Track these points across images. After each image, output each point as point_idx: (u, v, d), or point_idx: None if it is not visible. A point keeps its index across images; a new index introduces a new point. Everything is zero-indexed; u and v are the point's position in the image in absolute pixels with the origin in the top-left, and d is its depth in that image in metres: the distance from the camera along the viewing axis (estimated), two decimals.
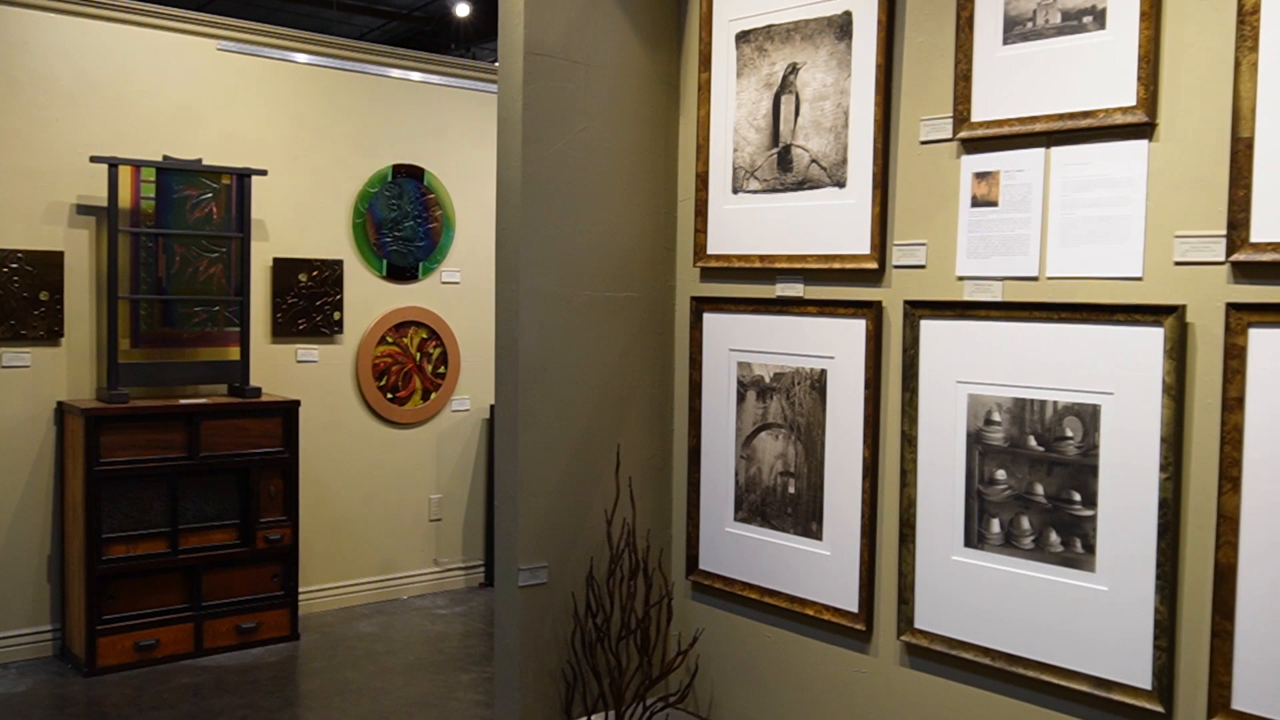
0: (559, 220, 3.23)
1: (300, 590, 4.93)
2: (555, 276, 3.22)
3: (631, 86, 3.38)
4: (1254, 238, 2.23)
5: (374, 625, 5.06)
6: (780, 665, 3.20)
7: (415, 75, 5.52)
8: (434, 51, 6.24)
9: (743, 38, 3.22)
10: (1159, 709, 2.39)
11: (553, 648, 3.29)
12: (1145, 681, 2.41)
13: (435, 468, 5.66)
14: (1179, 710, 2.39)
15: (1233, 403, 2.26)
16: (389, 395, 5.45)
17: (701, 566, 3.41)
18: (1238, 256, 2.25)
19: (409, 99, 5.48)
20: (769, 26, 3.15)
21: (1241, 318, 2.25)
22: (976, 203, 2.69)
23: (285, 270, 5.07)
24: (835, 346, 2.99)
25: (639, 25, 3.39)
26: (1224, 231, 2.28)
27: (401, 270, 5.46)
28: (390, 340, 5.45)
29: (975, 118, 2.68)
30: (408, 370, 5.51)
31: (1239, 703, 2.28)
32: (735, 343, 3.27)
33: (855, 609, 2.97)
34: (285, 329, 5.09)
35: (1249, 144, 2.24)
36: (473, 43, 7.79)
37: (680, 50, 3.48)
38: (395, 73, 5.45)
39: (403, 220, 5.45)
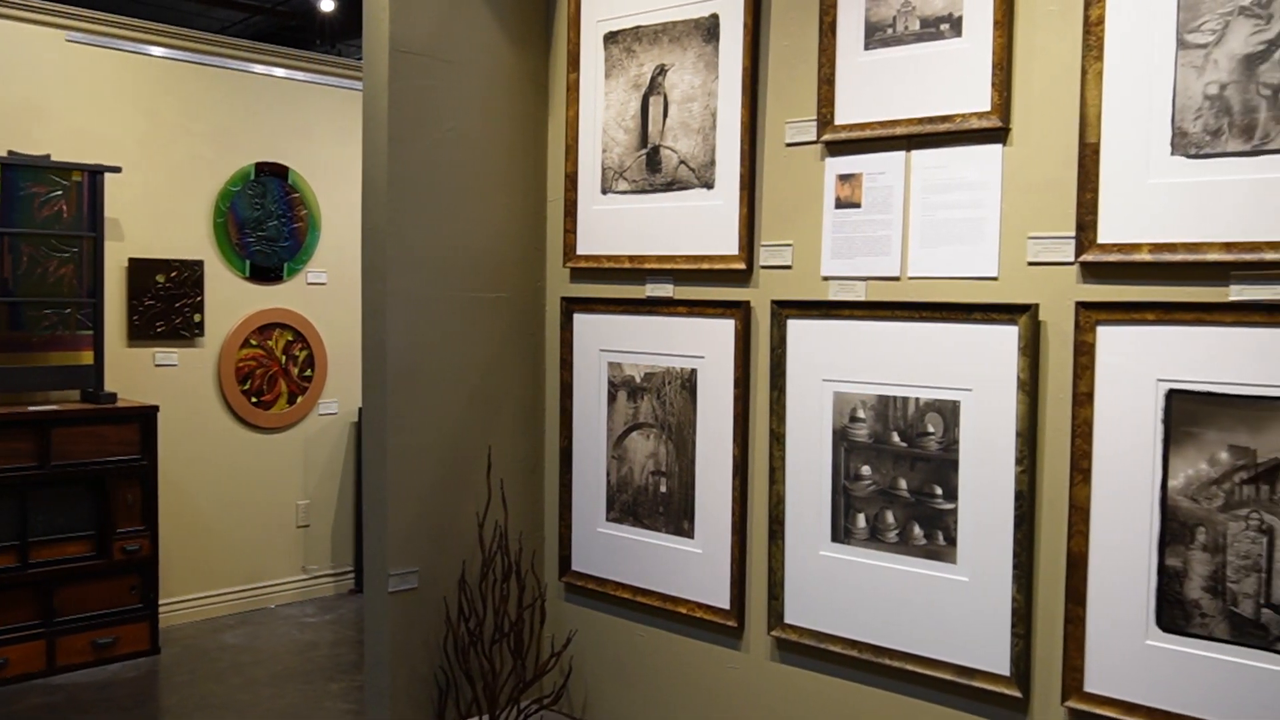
0: (427, 220, 3.18)
1: (161, 602, 4.76)
2: (423, 277, 3.18)
3: (500, 86, 3.36)
4: (1101, 239, 2.33)
5: (239, 636, 4.92)
6: (653, 664, 3.22)
7: (279, 71, 5.38)
8: (298, 47, 6.09)
9: (611, 39, 3.23)
10: (1017, 694, 2.47)
11: (424, 653, 3.25)
12: (1004, 668, 2.49)
13: (302, 473, 5.53)
14: (1035, 694, 2.47)
15: (1082, 397, 2.36)
16: (253, 399, 5.31)
17: (574, 567, 3.40)
18: (1086, 257, 2.35)
19: (272, 96, 5.35)
20: (637, 28, 3.16)
21: (1090, 316, 2.34)
22: (840, 204, 2.75)
23: (142, 271, 4.89)
24: (705, 346, 3.01)
25: (507, 25, 3.36)
26: (1073, 233, 2.37)
27: (265, 271, 5.33)
28: (254, 343, 5.30)
29: (839, 121, 2.74)
30: (273, 373, 5.38)
31: (1091, 685, 2.37)
32: (606, 343, 3.27)
33: (727, 606, 3.00)
34: (142, 332, 4.91)
35: (1095, 149, 2.33)
36: (339, 39, 7.63)
37: (549, 50, 3.46)
38: (258, 68, 5.31)
39: (266, 220, 5.31)
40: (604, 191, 3.25)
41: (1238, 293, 2.17)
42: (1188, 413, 2.24)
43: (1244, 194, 2.16)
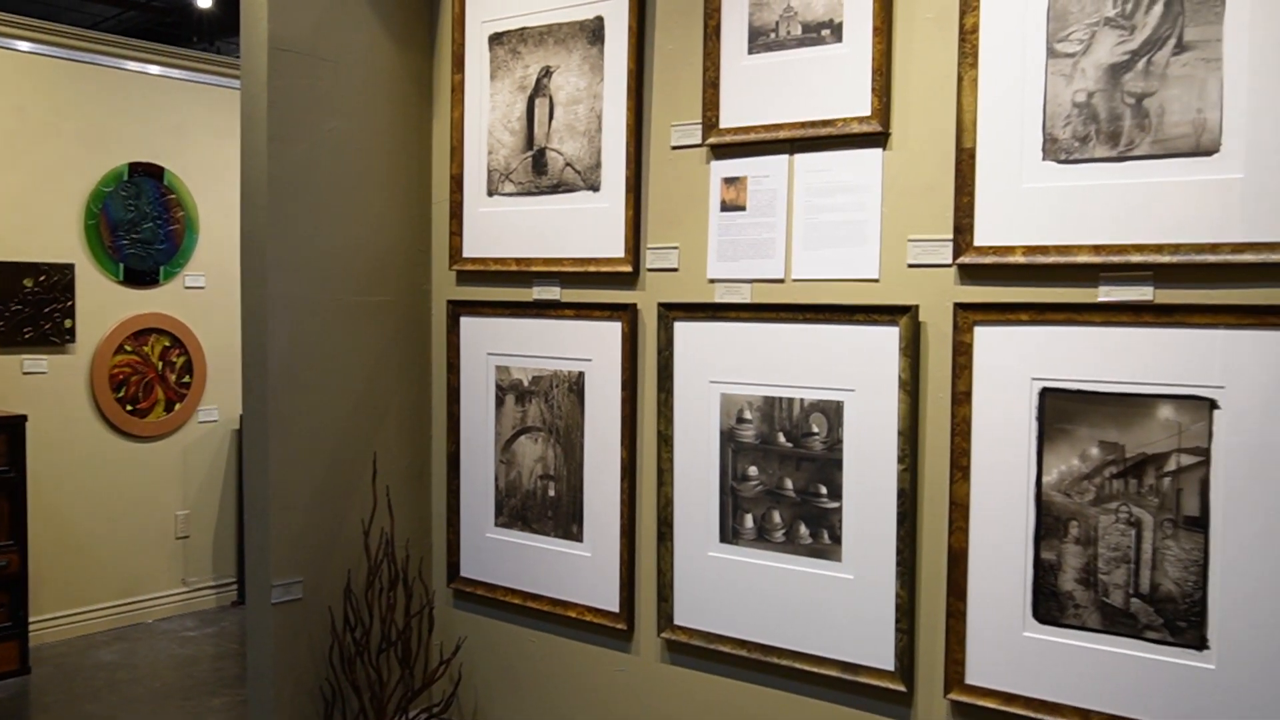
0: (308, 222, 3.11)
1: (31, 620, 4.58)
2: (305, 280, 3.11)
3: (383, 86, 3.30)
4: (977, 241, 2.39)
5: (116, 653, 4.75)
6: (544, 669, 3.20)
7: (154, 69, 5.23)
8: (175, 44, 5.93)
9: (496, 39, 3.20)
10: (901, 688, 2.52)
11: (309, 665, 3.17)
12: (889, 663, 2.54)
13: (181, 482, 5.38)
14: (919, 688, 2.52)
15: (961, 396, 2.41)
16: (128, 407, 5.14)
17: (463, 574, 3.36)
18: (963, 259, 2.40)
19: (147, 94, 5.19)
20: (522, 29, 3.14)
21: (968, 316, 2.40)
22: (726, 207, 2.77)
23: (7, 275, 4.70)
24: (592, 349, 3.01)
25: (390, 24, 3.31)
26: (951, 236, 2.43)
27: (141, 274, 5.16)
28: (129, 349, 5.13)
29: (723, 124, 2.76)
30: (149, 380, 5.21)
31: (972, 677, 2.43)
32: (493, 346, 3.24)
33: (616, 609, 3.00)
34: (9, 338, 4.72)
35: (971, 154, 2.39)
36: (216, 36, 7.43)
37: (433, 50, 3.42)
38: (132, 65, 5.15)
39: (141, 221, 5.15)
40: (490, 194, 3.23)
41: (1106, 293, 2.25)
42: (1060, 410, 2.30)
43: (1111, 198, 2.24)
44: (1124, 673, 2.25)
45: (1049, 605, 2.33)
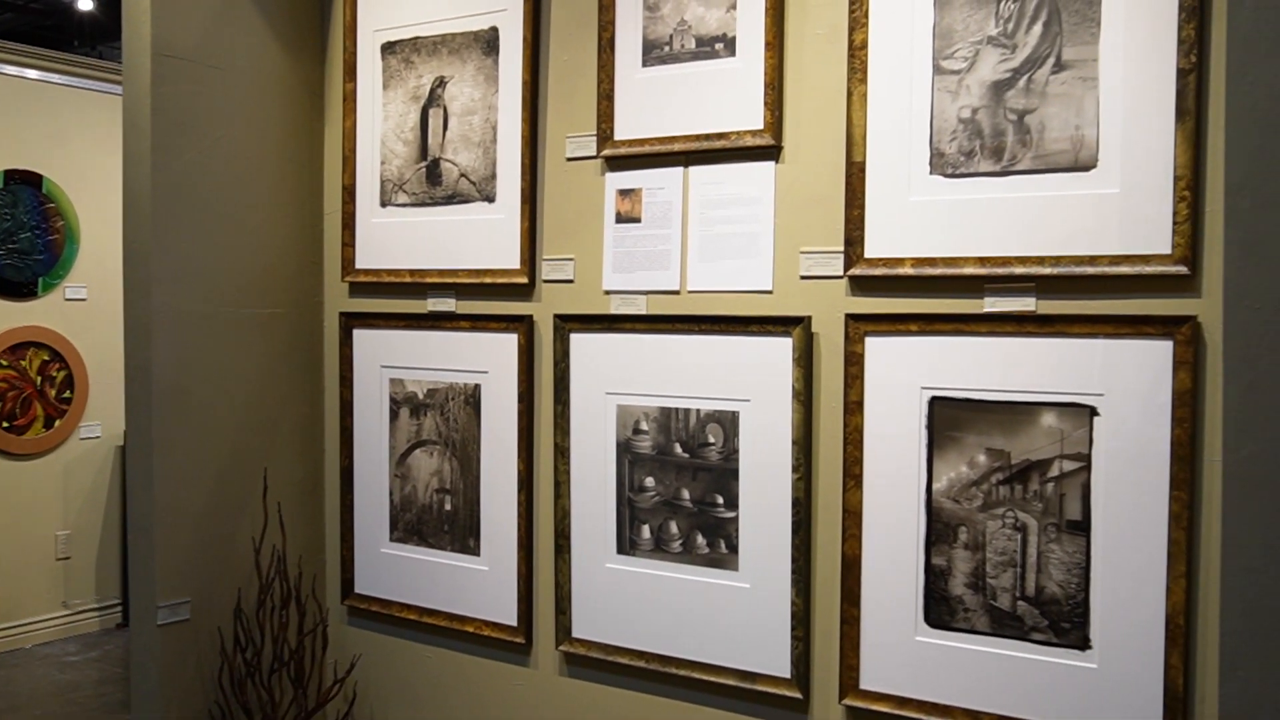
0: (195, 233, 3.03)
1: None
2: (192, 292, 3.03)
3: (273, 94, 3.24)
4: (868, 254, 2.43)
5: None
6: (441, 685, 3.16)
7: (32, 73, 5.05)
8: (55, 48, 5.74)
9: (389, 48, 3.17)
10: (798, 695, 2.54)
11: (198, 688, 3.09)
12: (785, 670, 2.56)
13: (62, 501, 5.19)
14: (815, 694, 2.55)
15: (853, 406, 2.45)
16: (5, 424, 4.95)
17: (358, 590, 3.30)
18: (854, 271, 2.44)
19: (24, 99, 5.01)
20: (415, 39, 3.11)
21: (859, 327, 2.44)
22: (621, 219, 2.77)
23: None
24: (488, 361, 2.99)
25: (280, 31, 3.25)
26: (842, 248, 2.47)
27: (17, 286, 4.98)
28: (5, 363, 4.95)
29: (618, 136, 2.76)
30: (26, 396, 5.02)
31: (866, 682, 2.46)
32: (387, 359, 3.20)
33: (514, 623, 2.97)
34: None
35: (861, 167, 2.43)
36: (99, 41, 7.22)
37: (324, 59, 3.37)
38: (9, 69, 4.97)
39: (18, 231, 4.96)
40: (383, 204, 3.18)
41: (991, 304, 2.31)
42: (949, 418, 2.35)
43: (995, 212, 2.30)
44: (1012, 674, 2.31)
45: (940, 610, 2.38)
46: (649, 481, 2.73)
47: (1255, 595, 1.93)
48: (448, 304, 3.08)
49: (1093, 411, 2.21)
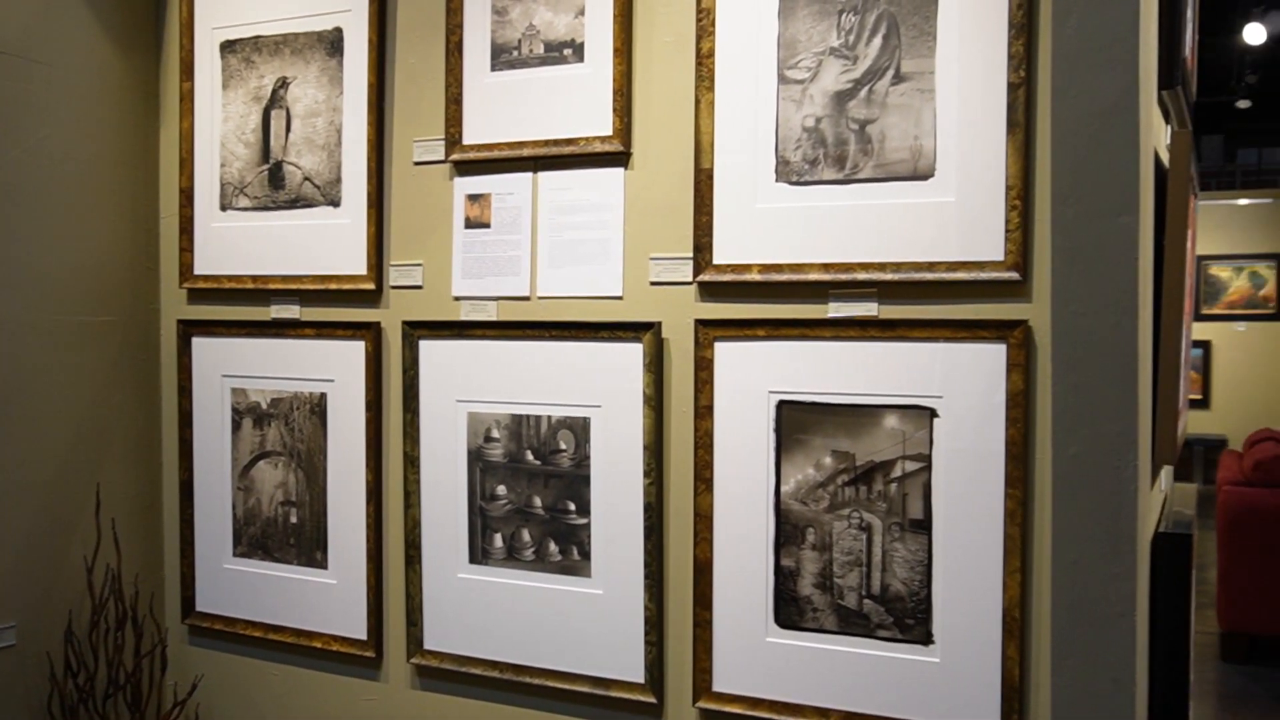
0: (19, 236, 2.88)
1: None
2: (16, 299, 2.87)
3: (104, 92, 3.10)
4: (716, 260, 2.46)
5: None
6: (288, 703, 3.07)
7: None
8: None
9: (228, 47, 3.06)
10: (652, 700, 2.55)
11: (25, 718, 2.93)
12: (639, 676, 2.56)
13: None
14: (669, 698, 2.56)
15: (704, 410, 2.47)
16: None
17: (199, 608, 3.18)
18: (703, 277, 2.47)
19: None
20: (256, 38, 3.02)
21: (708, 333, 2.46)
22: (470, 224, 2.74)
23: None
24: (334, 369, 2.91)
25: (111, 27, 3.11)
26: (691, 254, 2.49)
27: None
28: None
29: (467, 141, 2.73)
30: None
31: (719, 684, 2.49)
32: (228, 368, 3.09)
33: (364, 636, 2.91)
34: None
35: (709, 174, 2.46)
36: None
37: (160, 56, 3.24)
38: None
39: None
40: (224, 208, 3.08)
41: (835, 309, 2.36)
42: (796, 421, 2.39)
43: (839, 219, 2.35)
44: (859, 671, 2.36)
45: (789, 610, 2.41)
46: (501, 489, 2.70)
47: (1082, 588, 2.01)
48: (292, 311, 3.00)
49: (932, 413, 2.28)
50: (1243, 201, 13.35)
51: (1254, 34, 10.82)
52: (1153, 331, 2.28)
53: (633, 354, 2.53)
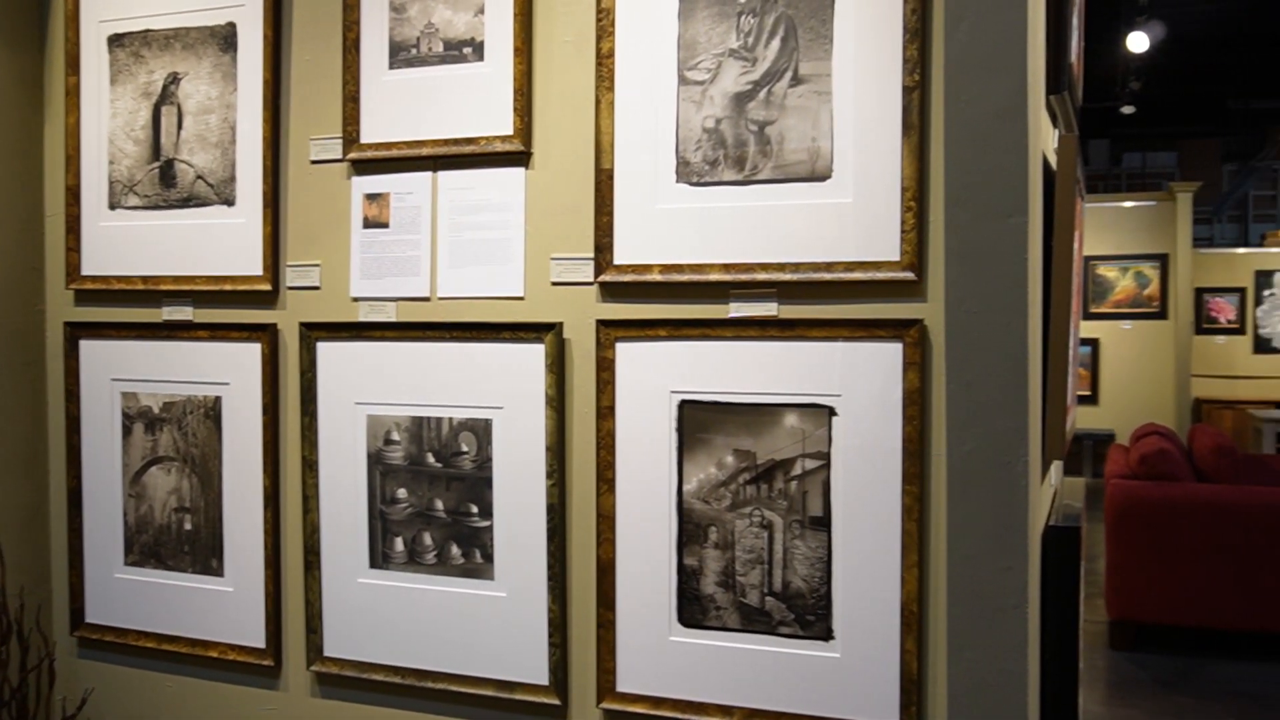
0: None
1: None
2: None
3: None
4: (617, 260, 2.46)
5: None
6: (184, 715, 2.99)
7: None
8: None
9: (116, 41, 2.98)
10: (556, 701, 2.54)
11: None
12: (543, 678, 2.55)
13: None
14: (573, 699, 2.56)
15: (605, 411, 2.47)
16: None
17: (89, 620, 3.09)
18: (604, 278, 2.47)
19: None
20: (146, 31, 2.94)
21: (610, 333, 2.46)
22: (368, 224, 2.70)
23: None
24: (229, 372, 2.85)
25: None
26: (592, 254, 2.49)
27: None
28: None
29: (364, 139, 2.69)
30: None
31: (623, 685, 2.49)
32: (118, 371, 3.00)
33: (262, 644, 2.85)
34: None
35: (610, 175, 2.46)
36: None
37: (43, 50, 3.13)
38: None
39: None
40: (112, 207, 2.99)
41: (736, 309, 2.37)
42: (698, 421, 2.41)
43: (739, 220, 2.37)
44: (762, 668, 2.38)
45: (692, 609, 2.43)
46: (401, 493, 2.67)
47: (976, 581, 2.06)
48: (184, 312, 2.92)
49: (831, 411, 2.31)
50: (1128, 204, 13.79)
51: (1137, 42, 11.20)
52: (1042, 330, 2.34)
53: (534, 355, 2.52)
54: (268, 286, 2.79)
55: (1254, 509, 6.21)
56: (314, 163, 2.77)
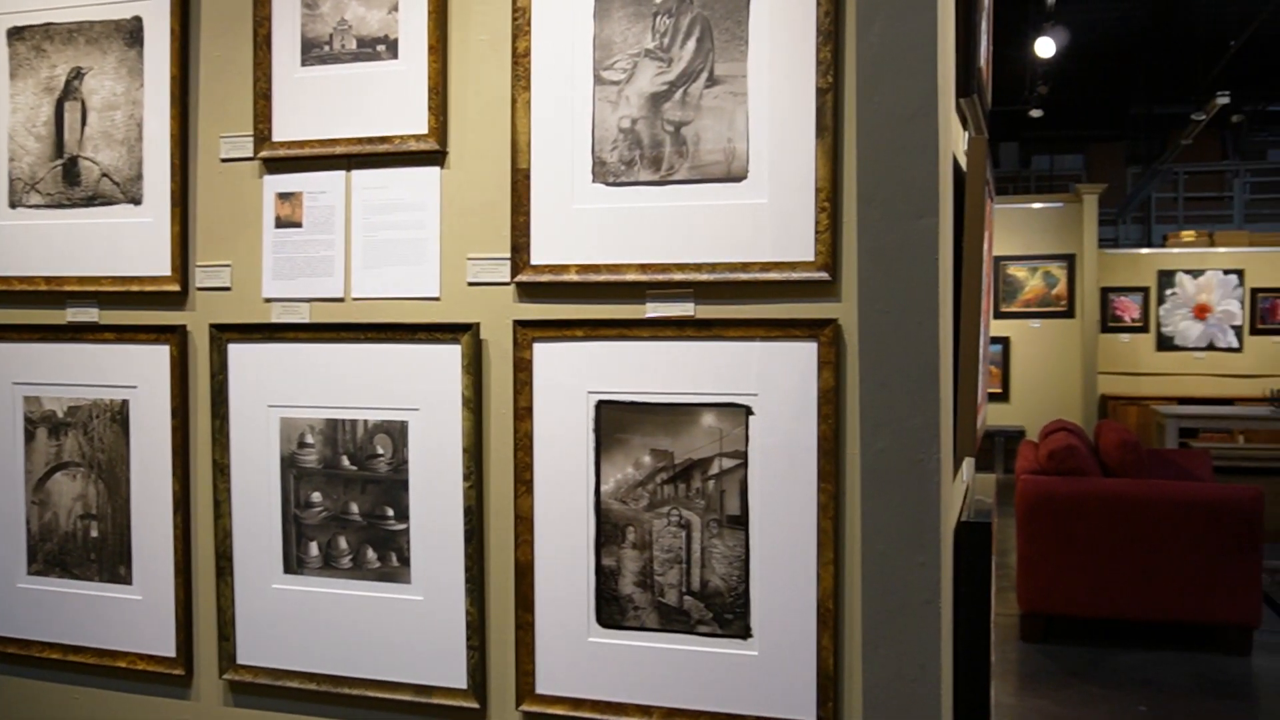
0: None
1: None
2: None
3: None
4: (534, 260, 2.45)
5: None
6: None
7: None
8: None
9: (16, 34, 2.89)
10: (475, 705, 2.52)
11: None
12: (461, 681, 2.54)
13: None
14: (492, 703, 2.54)
15: (523, 412, 2.46)
16: None
17: None
18: (521, 278, 2.46)
19: None
20: (48, 25, 2.86)
21: (527, 334, 2.45)
22: (281, 223, 2.66)
23: None
24: (137, 375, 2.78)
25: None
26: (509, 255, 2.47)
27: None
28: None
29: (276, 137, 2.65)
30: None
31: (542, 687, 2.48)
32: (21, 375, 2.91)
33: (173, 654, 2.79)
34: None
35: (526, 174, 2.45)
36: None
37: None
38: None
39: None
40: (13, 205, 2.90)
41: (653, 309, 2.38)
42: (615, 421, 2.41)
43: (655, 220, 2.37)
44: (680, 667, 2.39)
45: (611, 609, 2.43)
46: (316, 496, 2.63)
47: (890, 577, 2.09)
48: (90, 314, 2.84)
49: (748, 411, 2.32)
50: (1037, 205, 14.12)
51: (1044, 47, 11.47)
52: (953, 329, 2.38)
53: (451, 356, 2.50)
54: (176, 287, 2.73)
55: (1157, 503, 6.40)
56: (224, 161, 2.72)
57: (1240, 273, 14.43)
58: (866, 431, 2.10)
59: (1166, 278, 14.71)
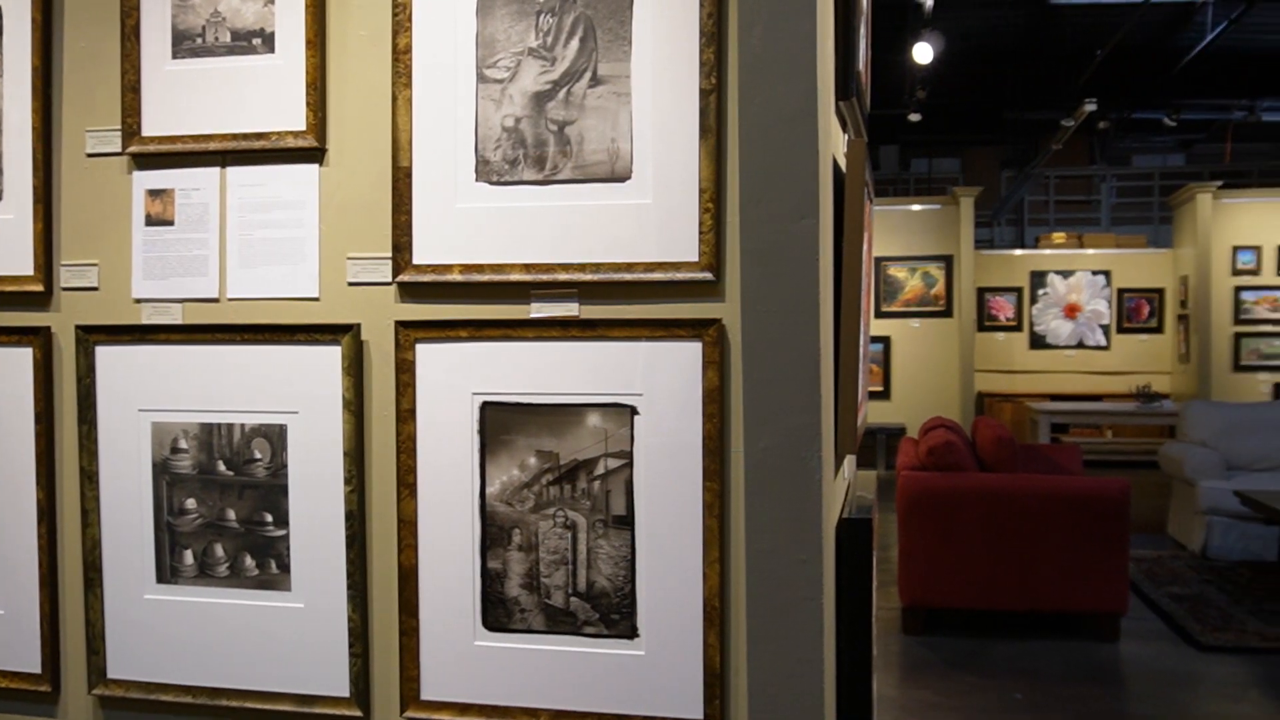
0: None
1: None
2: None
3: None
4: (416, 260, 2.41)
5: None
6: None
7: None
8: None
9: None
10: (358, 713, 2.48)
11: None
12: (344, 689, 2.49)
13: None
14: (376, 710, 2.50)
15: (406, 414, 2.42)
16: None
17: None
18: (403, 278, 2.42)
19: None
20: None
21: (409, 334, 2.41)
22: (151, 221, 2.57)
23: None
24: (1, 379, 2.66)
25: None
26: (390, 254, 2.43)
27: None
28: None
29: (146, 132, 2.56)
30: None
31: (427, 692, 2.45)
32: None
33: (38, 670, 2.67)
34: None
35: (408, 173, 2.41)
36: None
37: None
38: None
39: None
40: None
41: (537, 310, 2.36)
42: (500, 422, 2.39)
43: (540, 220, 2.36)
44: (568, 668, 2.38)
45: (497, 613, 2.40)
46: (190, 503, 2.55)
47: (773, 575, 2.11)
48: None
49: (634, 411, 2.33)
50: (916, 207, 14.46)
51: (922, 53, 11.75)
52: (834, 328, 2.41)
53: (331, 357, 2.45)
54: (40, 287, 2.62)
55: (1031, 496, 6.60)
56: (90, 156, 2.62)
57: (1108, 273, 15.00)
58: (750, 430, 2.12)
59: (1039, 278, 15.21)
